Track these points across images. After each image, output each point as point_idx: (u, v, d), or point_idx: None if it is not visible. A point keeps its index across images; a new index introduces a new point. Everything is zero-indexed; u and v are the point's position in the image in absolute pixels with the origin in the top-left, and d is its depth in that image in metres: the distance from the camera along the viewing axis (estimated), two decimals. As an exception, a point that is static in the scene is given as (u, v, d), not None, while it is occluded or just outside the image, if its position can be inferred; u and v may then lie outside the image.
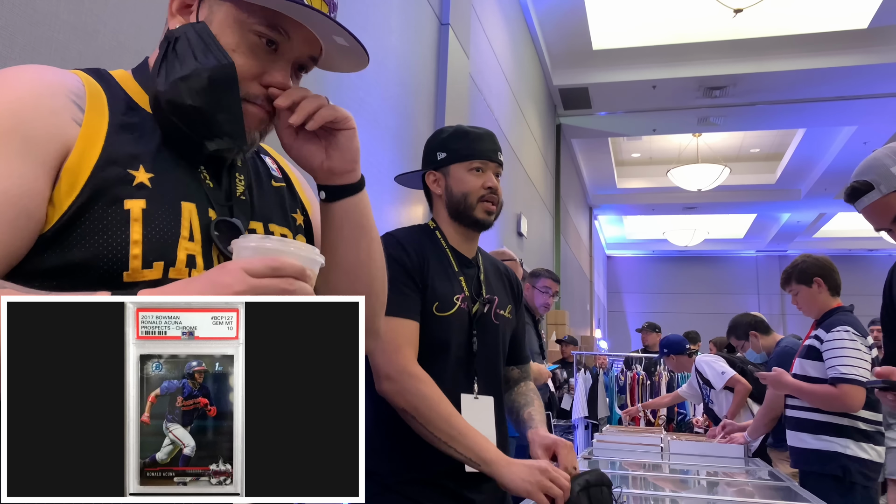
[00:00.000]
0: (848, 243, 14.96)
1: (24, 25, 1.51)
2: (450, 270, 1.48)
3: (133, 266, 0.70)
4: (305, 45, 0.82)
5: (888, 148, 1.72)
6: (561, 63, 8.05)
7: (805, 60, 7.44)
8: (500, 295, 1.54)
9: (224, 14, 0.79)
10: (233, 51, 0.77)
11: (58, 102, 0.71)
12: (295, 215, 0.92)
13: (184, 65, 0.75)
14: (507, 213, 6.26)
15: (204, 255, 0.76)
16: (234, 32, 0.78)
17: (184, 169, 0.79)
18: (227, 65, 0.75)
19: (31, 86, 0.72)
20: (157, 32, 0.85)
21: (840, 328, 2.55)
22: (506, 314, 1.54)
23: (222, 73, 0.75)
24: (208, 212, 0.78)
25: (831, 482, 2.49)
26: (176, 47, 0.76)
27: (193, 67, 0.74)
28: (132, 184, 0.72)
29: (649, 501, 2.13)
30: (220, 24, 0.78)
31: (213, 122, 0.75)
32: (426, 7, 4.27)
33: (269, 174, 0.92)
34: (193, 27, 0.77)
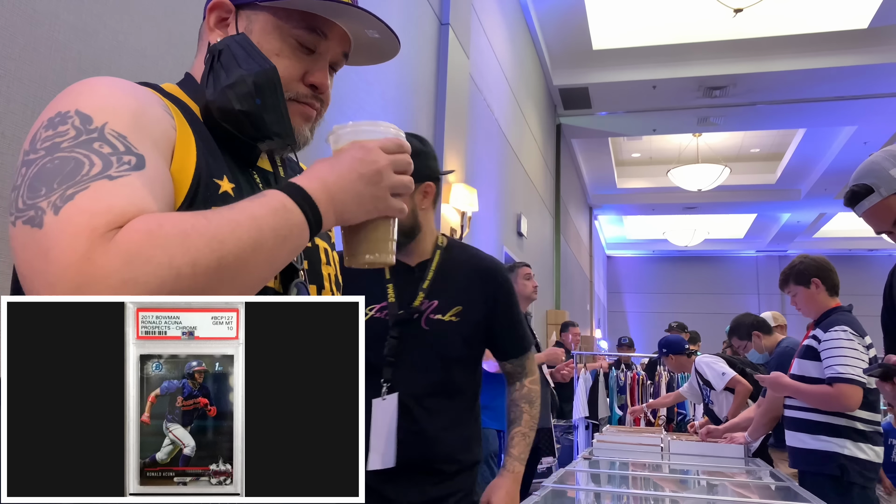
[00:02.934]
0: (848, 243, 14.97)
1: (24, 25, 1.51)
2: (380, 280, 1.54)
3: None
4: (341, 44, 0.86)
5: (886, 151, 1.73)
6: (561, 63, 8.05)
7: (805, 60, 7.44)
8: (448, 298, 1.55)
9: (262, 22, 0.82)
10: (275, 56, 0.81)
11: (159, 110, 0.74)
12: (330, 232, 0.97)
13: (229, 73, 0.78)
14: (508, 213, 6.26)
15: None
16: (275, 38, 0.82)
17: (251, 182, 0.83)
18: (269, 69, 0.79)
19: (136, 92, 0.73)
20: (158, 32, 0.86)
21: (838, 328, 2.56)
22: (446, 318, 1.54)
23: (265, 77, 0.78)
24: None
25: (829, 482, 2.49)
26: (220, 59, 0.80)
27: (239, 75, 0.78)
28: (219, 192, 0.76)
29: (649, 501, 2.13)
30: (259, 33, 0.82)
31: (262, 124, 0.79)
32: (426, 7, 4.27)
33: None
34: (234, 38, 0.81)
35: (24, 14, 1.51)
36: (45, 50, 1.56)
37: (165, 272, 0.58)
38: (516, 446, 1.57)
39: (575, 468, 2.62)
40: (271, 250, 0.65)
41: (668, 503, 2.08)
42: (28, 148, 0.65)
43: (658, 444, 3.12)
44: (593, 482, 2.42)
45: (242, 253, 0.62)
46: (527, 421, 1.58)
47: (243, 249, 0.62)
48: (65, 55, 1.60)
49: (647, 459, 2.91)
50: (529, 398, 1.62)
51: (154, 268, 0.58)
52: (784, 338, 3.67)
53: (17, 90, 1.49)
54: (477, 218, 4.98)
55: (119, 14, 1.78)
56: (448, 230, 4.44)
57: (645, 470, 2.64)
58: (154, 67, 1.88)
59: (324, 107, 0.87)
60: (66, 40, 1.61)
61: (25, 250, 0.60)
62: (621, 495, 2.20)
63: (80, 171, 0.61)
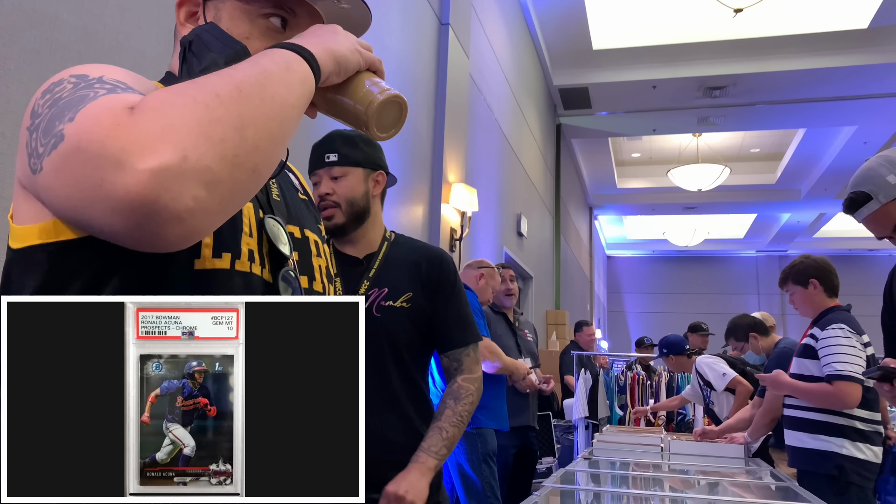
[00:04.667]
0: (848, 243, 14.97)
1: (24, 25, 1.51)
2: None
3: (204, 254, 0.73)
4: (311, 18, 0.86)
5: (881, 157, 1.73)
6: (561, 63, 8.06)
7: (805, 60, 7.44)
8: (397, 285, 1.58)
9: (230, 8, 0.83)
10: (246, 39, 0.82)
11: (150, 86, 0.75)
12: (320, 226, 0.98)
13: (201, 59, 0.78)
14: (508, 213, 6.26)
15: (259, 251, 0.80)
16: (244, 22, 0.83)
17: None
18: (239, 49, 0.79)
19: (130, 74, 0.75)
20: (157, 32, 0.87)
21: (835, 326, 2.56)
22: (398, 304, 1.57)
23: (237, 58, 0.77)
24: (258, 212, 0.82)
25: (827, 481, 2.49)
26: (192, 48, 0.80)
27: (210, 58, 0.78)
28: None
29: (649, 501, 2.13)
30: (228, 19, 0.83)
31: None
32: (426, 7, 4.27)
33: (295, 187, 0.98)
34: (203, 27, 0.81)
35: (24, 14, 1.51)
36: (45, 50, 1.56)
37: (193, 108, 0.57)
38: (428, 439, 1.53)
39: (575, 468, 2.62)
40: (282, 79, 0.66)
41: (668, 503, 2.08)
42: (29, 121, 0.65)
43: (658, 444, 3.12)
44: (593, 482, 2.42)
45: (256, 80, 0.63)
46: (448, 416, 1.55)
47: (256, 76, 0.63)
48: (65, 55, 1.60)
49: (647, 459, 2.91)
50: (457, 395, 1.58)
51: (182, 109, 0.57)
52: (782, 338, 3.66)
53: (17, 90, 1.49)
54: (477, 218, 4.98)
55: (119, 14, 1.78)
56: (448, 230, 4.44)
57: (645, 470, 2.64)
58: (154, 67, 1.88)
59: None
60: (66, 40, 1.61)
61: (59, 172, 0.58)
62: (621, 495, 2.20)
63: (87, 98, 0.61)
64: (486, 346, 3.10)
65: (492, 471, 3.06)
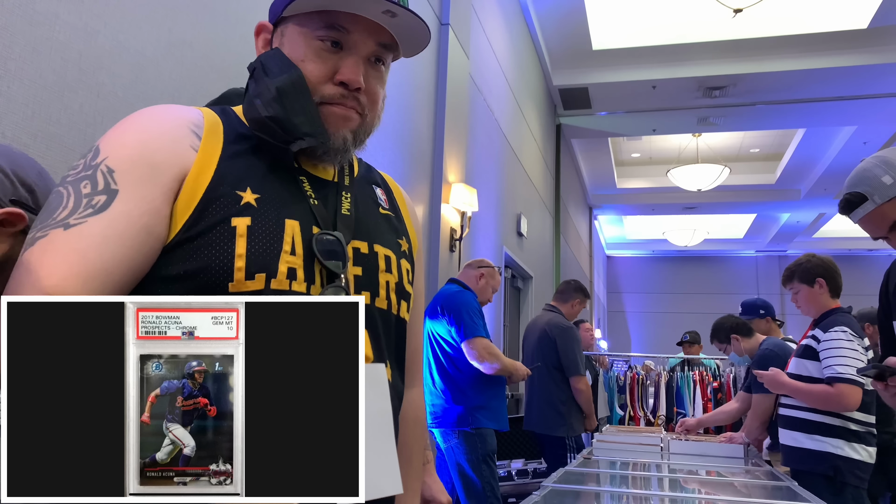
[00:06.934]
0: (848, 243, 14.96)
1: (24, 25, 1.51)
2: None
3: (237, 277, 0.76)
4: (369, 35, 0.87)
5: (876, 157, 1.72)
6: (561, 63, 8.05)
7: (805, 60, 7.44)
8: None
9: (290, 32, 0.87)
10: (301, 61, 0.85)
11: (179, 132, 0.81)
12: (401, 241, 0.98)
13: (259, 85, 0.84)
14: (507, 213, 6.26)
15: (305, 268, 0.81)
16: (300, 45, 0.86)
17: (291, 191, 0.85)
18: (292, 74, 0.84)
19: (158, 119, 0.81)
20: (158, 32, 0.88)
21: (837, 328, 2.56)
22: None
23: (288, 81, 0.83)
24: (312, 228, 0.84)
25: (822, 482, 2.49)
26: (254, 75, 0.86)
27: (264, 84, 0.83)
28: (240, 203, 0.80)
29: (649, 501, 2.13)
30: (289, 43, 0.87)
31: (291, 127, 0.83)
32: (426, 7, 4.27)
33: (377, 202, 0.99)
34: (266, 53, 0.87)
35: (24, 14, 1.51)
36: (45, 50, 1.56)
37: None
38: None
39: (575, 468, 2.62)
40: None
41: (667, 503, 2.08)
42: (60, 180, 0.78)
43: (658, 444, 3.12)
44: (593, 482, 2.42)
45: None
46: None
47: None
48: (65, 55, 1.60)
49: (646, 459, 2.91)
50: None
51: None
52: (765, 338, 3.60)
53: (17, 90, 1.49)
54: (477, 218, 4.98)
55: (119, 14, 1.77)
56: (448, 230, 4.44)
57: (645, 470, 2.64)
58: (154, 67, 1.88)
59: (366, 106, 0.88)
60: (66, 40, 1.61)
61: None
62: (621, 495, 2.20)
63: (56, 209, 0.73)
64: (486, 346, 3.10)
65: (492, 471, 3.07)
